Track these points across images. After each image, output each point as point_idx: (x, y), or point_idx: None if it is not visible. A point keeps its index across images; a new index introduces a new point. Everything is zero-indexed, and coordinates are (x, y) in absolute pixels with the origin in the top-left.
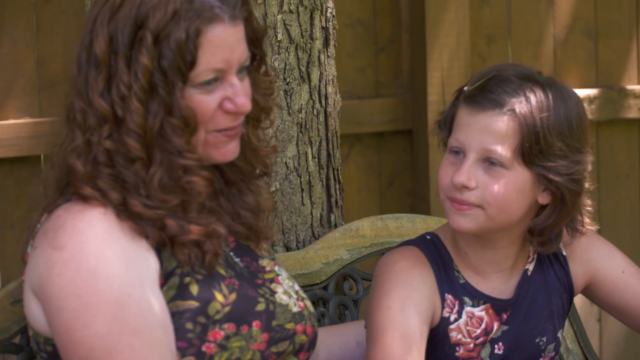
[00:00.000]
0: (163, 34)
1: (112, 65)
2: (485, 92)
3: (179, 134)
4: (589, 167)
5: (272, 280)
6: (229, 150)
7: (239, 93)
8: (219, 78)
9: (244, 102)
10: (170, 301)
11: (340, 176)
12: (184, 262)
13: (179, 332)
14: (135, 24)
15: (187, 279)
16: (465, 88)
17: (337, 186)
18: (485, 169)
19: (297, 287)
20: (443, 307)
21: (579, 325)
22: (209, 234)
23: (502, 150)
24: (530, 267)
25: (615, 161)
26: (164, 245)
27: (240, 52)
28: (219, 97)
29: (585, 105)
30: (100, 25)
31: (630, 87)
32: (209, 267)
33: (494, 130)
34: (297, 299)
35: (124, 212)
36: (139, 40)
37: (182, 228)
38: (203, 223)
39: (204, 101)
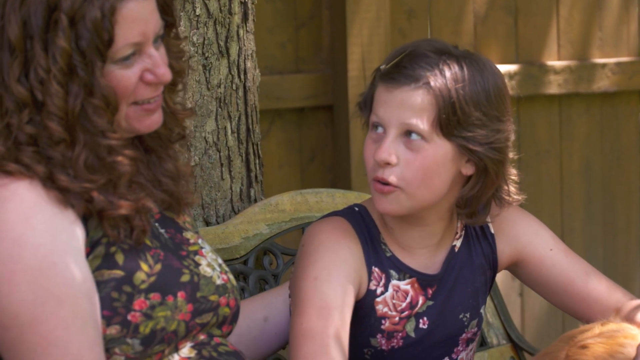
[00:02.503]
0: (78, 15)
1: (27, 50)
2: (400, 68)
3: (101, 114)
4: (512, 137)
5: (196, 253)
6: (152, 122)
7: (158, 64)
8: (136, 51)
9: (164, 71)
10: (95, 270)
11: (259, 151)
12: (112, 237)
13: (104, 301)
14: (49, 6)
15: (113, 249)
16: (382, 67)
17: (257, 161)
18: (406, 144)
19: (220, 261)
20: (370, 280)
21: (500, 299)
22: (139, 209)
23: (420, 124)
24: (458, 243)
25: (535, 137)
26: (91, 215)
27: (154, 22)
28: (138, 69)
29: (506, 81)
30: (12, 10)
31: (550, 63)
32: (136, 242)
33: (410, 104)
34: (221, 272)
35: (51, 184)
36: (53, 22)
37: (111, 203)
38: (132, 198)
39: (125, 76)
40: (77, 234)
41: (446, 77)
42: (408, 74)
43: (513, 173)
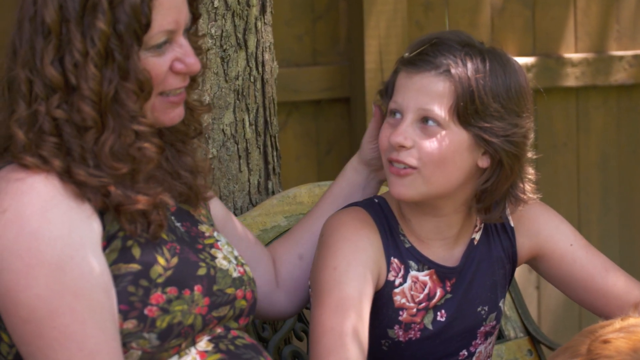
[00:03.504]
0: None
1: (62, 34)
2: (423, 55)
3: (134, 99)
4: (531, 135)
5: (211, 246)
6: (176, 115)
7: (188, 53)
8: (168, 40)
9: (194, 61)
10: (112, 264)
11: (277, 143)
12: (129, 231)
13: (121, 295)
14: None
15: (130, 242)
16: (406, 54)
17: (275, 153)
18: (422, 129)
19: (236, 253)
20: (388, 271)
21: (517, 292)
22: (156, 204)
23: (438, 110)
24: (477, 236)
25: (552, 130)
26: (107, 209)
27: (185, 12)
28: (169, 58)
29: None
30: None
31: (567, 55)
32: (153, 236)
33: (429, 90)
34: (237, 265)
35: (68, 178)
36: (91, 6)
37: (128, 197)
38: (151, 193)
39: (156, 64)
40: (93, 227)
41: (467, 66)
42: (430, 60)
43: (530, 172)
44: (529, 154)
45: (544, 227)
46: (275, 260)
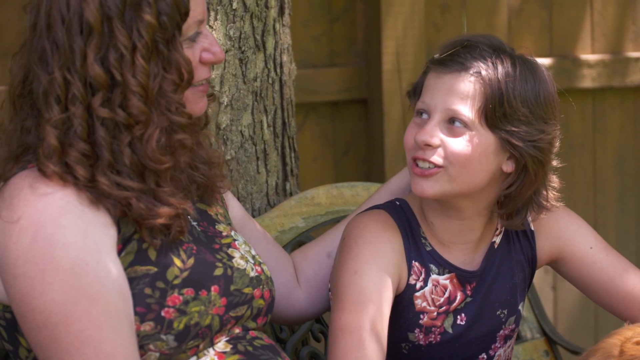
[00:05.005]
0: None
1: (104, 31)
2: (454, 56)
3: (174, 89)
4: (557, 143)
5: (229, 245)
6: (204, 104)
7: (214, 43)
8: (197, 31)
9: (220, 50)
10: (128, 266)
11: (295, 144)
12: (149, 244)
13: (138, 297)
14: None
15: (145, 245)
16: (436, 55)
17: (293, 154)
18: (449, 129)
19: (253, 252)
20: (409, 274)
21: (534, 293)
22: (179, 215)
23: (466, 111)
24: (497, 239)
25: (569, 130)
26: (125, 215)
27: (206, 4)
28: (198, 50)
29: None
30: None
31: (584, 56)
32: (171, 241)
33: (458, 90)
34: (254, 264)
35: (84, 185)
36: (132, 1)
37: (150, 210)
38: (174, 203)
39: (190, 55)
40: (108, 231)
41: (498, 70)
42: (460, 61)
43: (554, 180)
44: (554, 162)
45: (564, 231)
46: (303, 259)
